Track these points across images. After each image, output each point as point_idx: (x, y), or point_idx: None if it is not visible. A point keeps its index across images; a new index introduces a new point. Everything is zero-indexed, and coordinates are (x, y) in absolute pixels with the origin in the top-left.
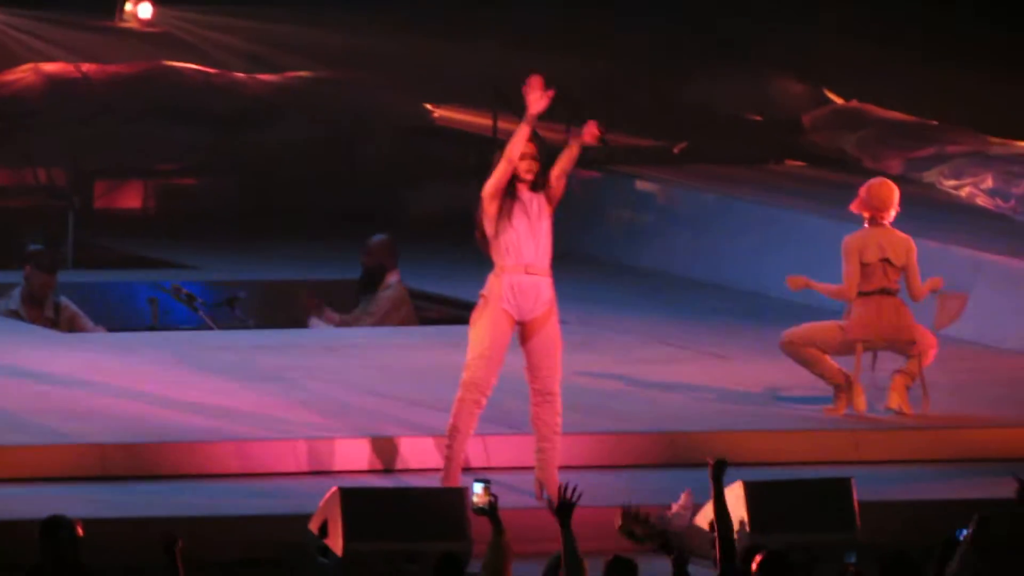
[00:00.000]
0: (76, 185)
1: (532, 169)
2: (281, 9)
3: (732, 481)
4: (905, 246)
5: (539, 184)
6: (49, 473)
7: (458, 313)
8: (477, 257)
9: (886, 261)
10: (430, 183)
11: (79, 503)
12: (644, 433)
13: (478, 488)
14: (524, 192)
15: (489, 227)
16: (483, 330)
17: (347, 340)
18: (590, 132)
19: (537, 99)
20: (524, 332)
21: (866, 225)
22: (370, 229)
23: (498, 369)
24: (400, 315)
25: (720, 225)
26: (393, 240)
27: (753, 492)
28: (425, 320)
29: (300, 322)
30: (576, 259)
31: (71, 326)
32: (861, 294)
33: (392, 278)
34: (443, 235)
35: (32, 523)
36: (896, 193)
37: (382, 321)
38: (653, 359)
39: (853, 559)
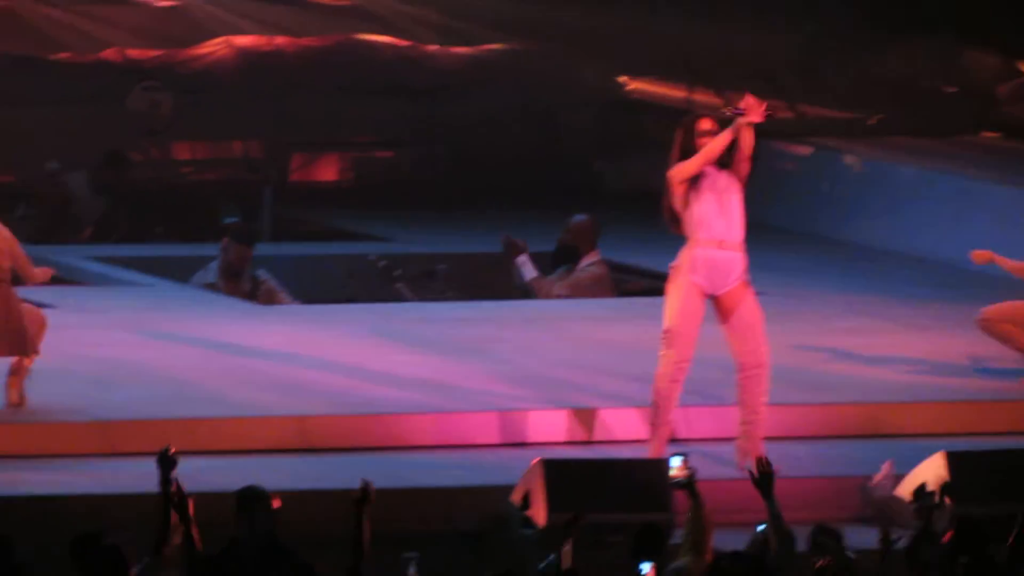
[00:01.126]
0: (272, 158)
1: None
2: None
3: (934, 450)
4: None
5: (724, 162)
6: (249, 445)
7: (658, 285)
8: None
9: None
10: (627, 155)
11: (279, 476)
12: (846, 404)
13: (676, 461)
14: (711, 168)
15: (679, 204)
16: (674, 302)
17: (548, 312)
18: (757, 112)
19: (753, 108)
20: (720, 307)
21: None
22: (568, 202)
23: (693, 340)
24: (597, 293)
25: (916, 197)
26: (594, 222)
27: (955, 462)
28: (625, 292)
29: (501, 291)
30: (773, 230)
31: (269, 299)
32: None
33: (592, 258)
34: (641, 207)
35: (231, 496)
36: None
37: (575, 295)
38: (853, 330)
39: None
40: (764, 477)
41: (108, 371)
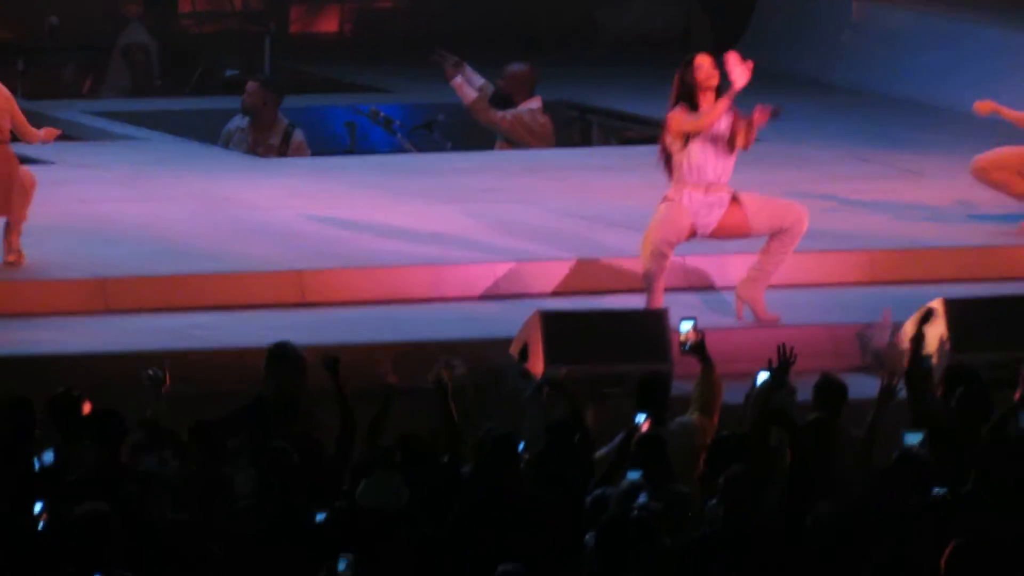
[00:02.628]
0: (272, 9)
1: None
2: None
3: (931, 297)
4: None
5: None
6: (248, 301)
7: (655, 132)
8: (671, 76)
9: None
10: (625, 3)
11: (276, 331)
12: (844, 251)
13: (686, 326)
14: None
15: (675, 148)
16: (662, 221)
17: (548, 161)
18: (742, 76)
19: (740, 74)
20: (727, 229)
21: None
22: (567, 49)
23: (673, 243)
24: (536, 138)
25: (914, 41)
26: (532, 71)
27: (953, 309)
28: (625, 141)
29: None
30: (776, 76)
31: (298, 155)
32: None
33: (531, 103)
34: (639, 55)
35: (232, 351)
36: None
37: (514, 130)
38: (850, 176)
39: None
40: (783, 365)
41: (105, 227)
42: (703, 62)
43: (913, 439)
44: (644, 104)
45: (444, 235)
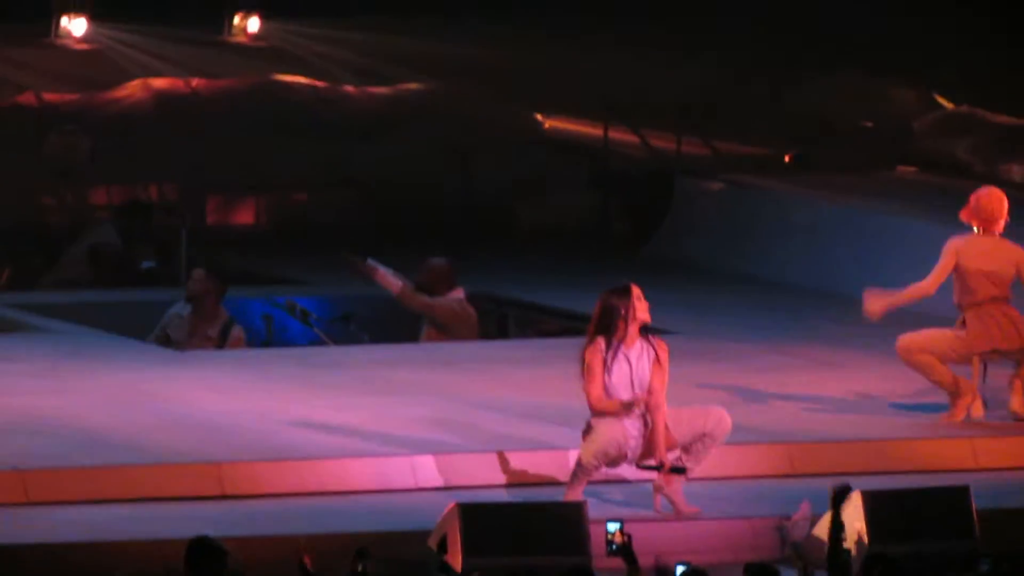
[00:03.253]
0: (188, 201)
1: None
2: (389, 20)
3: (850, 491)
4: (1015, 257)
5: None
6: (166, 493)
7: (573, 325)
8: (589, 268)
9: (990, 272)
10: (544, 194)
11: (197, 524)
12: (763, 444)
13: (613, 527)
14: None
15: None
16: (602, 438)
17: (464, 354)
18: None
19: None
20: (648, 452)
21: (975, 231)
22: (484, 242)
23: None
24: (460, 327)
25: (833, 233)
26: (451, 265)
27: (871, 501)
28: (542, 332)
29: (414, 336)
30: (687, 267)
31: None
32: (972, 305)
33: (456, 294)
34: (556, 246)
35: (152, 543)
36: (1006, 203)
37: (440, 316)
38: (768, 368)
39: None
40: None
41: (24, 419)
42: (640, 296)
43: None
44: (560, 296)
45: (362, 428)
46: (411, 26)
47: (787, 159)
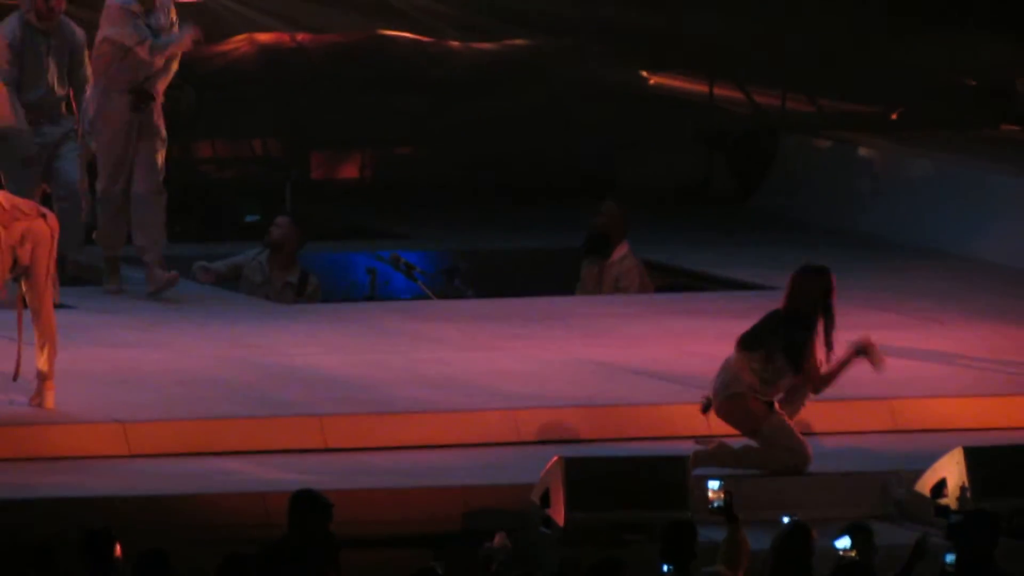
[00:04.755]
0: (293, 156)
1: None
2: None
3: (953, 445)
4: None
5: None
6: (269, 445)
7: (677, 281)
8: (692, 225)
9: None
10: (647, 151)
11: (299, 475)
12: (865, 400)
13: (714, 485)
14: None
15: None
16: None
17: (571, 308)
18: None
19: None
20: None
21: None
22: (586, 199)
23: None
24: (643, 284)
25: (935, 190)
26: (624, 212)
27: (974, 458)
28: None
29: (521, 288)
30: (791, 224)
31: (313, 301)
32: None
33: (623, 250)
34: (661, 204)
35: (255, 495)
36: None
37: (629, 290)
38: (871, 324)
39: None
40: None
41: (128, 372)
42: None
43: None
44: (663, 252)
45: (466, 382)
46: None
47: (894, 117)
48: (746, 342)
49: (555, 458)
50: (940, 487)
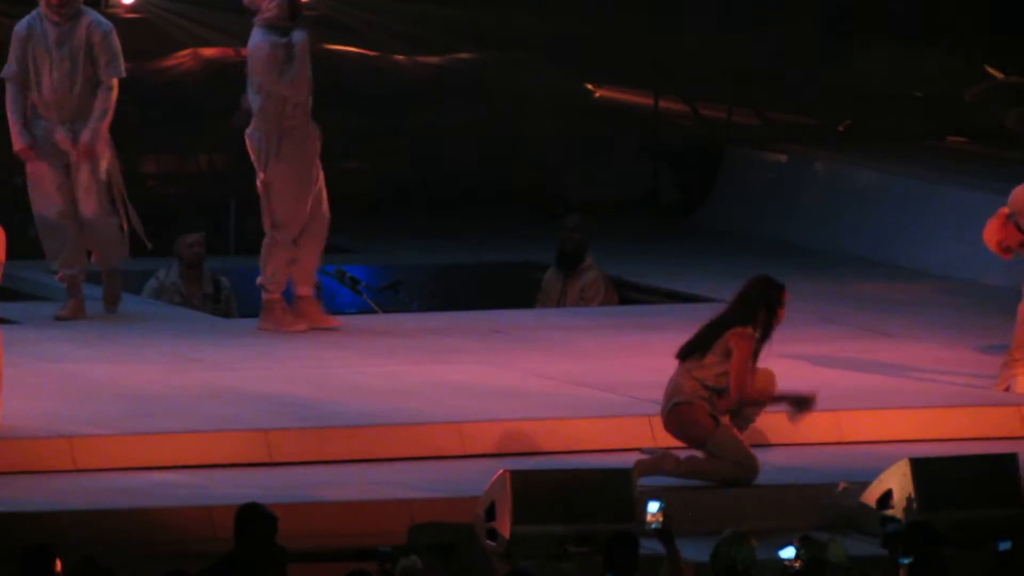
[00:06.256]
0: (238, 171)
1: None
2: None
3: (898, 457)
4: None
5: None
6: (215, 460)
7: (622, 294)
8: (637, 238)
9: None
10: (593, 165)
11: (244, 490)
12: (810, 411)
13: (653, 507)
14: None
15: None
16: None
17: (512, 321)
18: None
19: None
20: None
21: None
22: (533, 211)
23: None
24: (608, 296)
25: (882, 202)
26: (593, 222)
27: (920, 469)
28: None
29: (466, 301)
30: (740, 238)
31: (228, 304)
32: None
33: (590, 260)
34: (605, 216)
35: (201, 509)
36: None
37: (593, 302)
38: (816, 337)
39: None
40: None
41: (73, 387)
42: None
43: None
44: (609, 267)
45: (411, 395)
46: None
47: (840, 129)
48: (684, 351)
49: (501, 471)
50: (886, 498)
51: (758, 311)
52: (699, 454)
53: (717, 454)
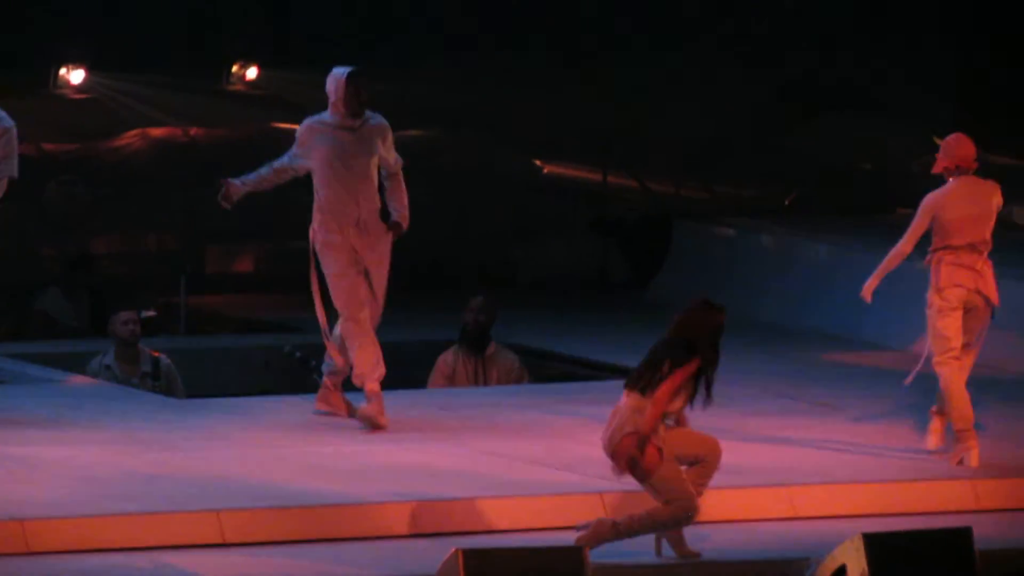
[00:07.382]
0: (188, 250)
1: None
2: (387, 68)
3: (851, 532)
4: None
5: None
6: (167, 542)
7: (573, 370)
8: (588, 314)
9: (973, 216)
10: (542, 241)
11: (198, 570)
12: (762, 486)
13: None
14: None
15: None
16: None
17: (462, 400)
18: None
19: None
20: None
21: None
22: (482, 289)
23: None
24: (521, 374)
25: (833, 275)
26: (497, 302)
27: (873, 544)
28: (543, 378)
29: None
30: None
31: (170, 382)
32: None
33: (492, 342)
34: (555, 292)
35: None
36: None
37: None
38: (767, 410)
39: None
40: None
41: (24, 469)
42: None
43: None
44: (560, 343)
45: (364, 473)
46: (409, 73)
47: (787, 202)
48: (630, 381)
49: (453, 550)
50: (840, 574)
51: (701, 337)
52: (633, 513)
53: (659, 493)
